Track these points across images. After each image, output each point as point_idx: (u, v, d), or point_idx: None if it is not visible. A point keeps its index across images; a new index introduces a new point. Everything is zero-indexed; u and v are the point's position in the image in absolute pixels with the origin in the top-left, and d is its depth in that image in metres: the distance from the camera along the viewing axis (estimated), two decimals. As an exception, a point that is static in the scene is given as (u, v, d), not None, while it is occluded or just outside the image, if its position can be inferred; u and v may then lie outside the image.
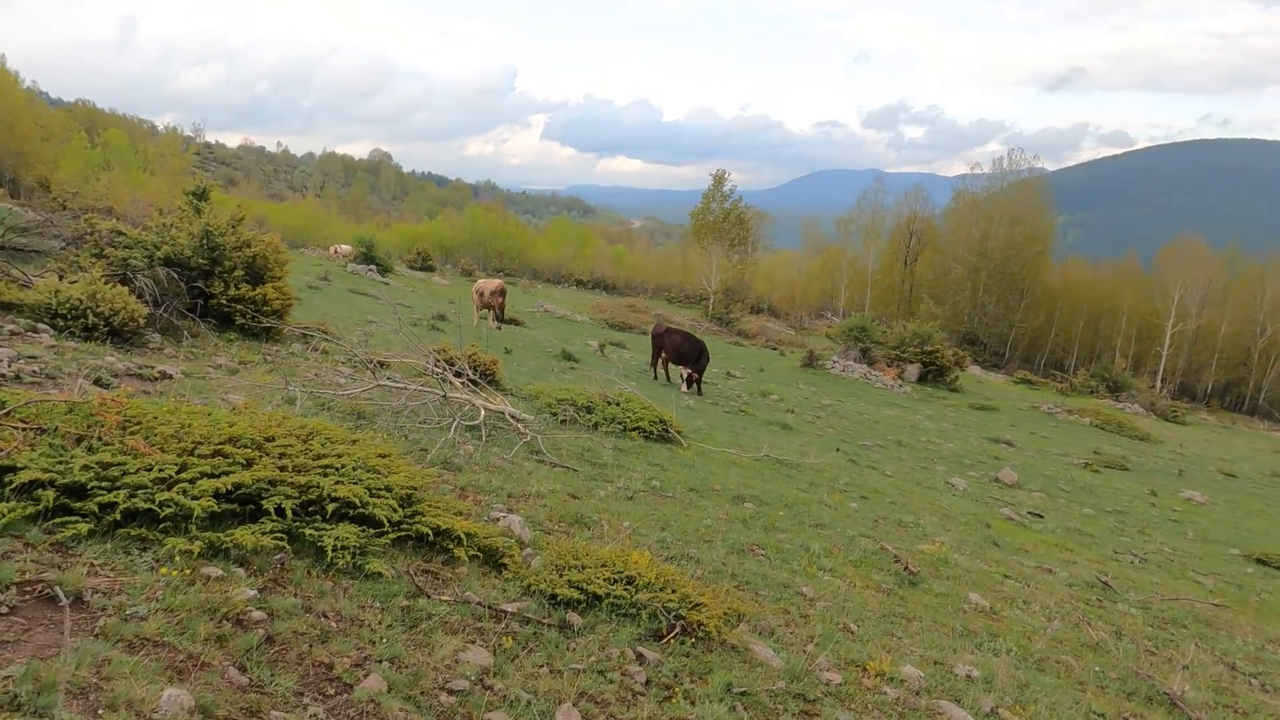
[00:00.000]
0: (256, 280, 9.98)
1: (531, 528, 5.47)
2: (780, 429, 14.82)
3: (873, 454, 14.26)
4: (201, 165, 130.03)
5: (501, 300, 20.85)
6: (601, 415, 9.88)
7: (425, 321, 18.79)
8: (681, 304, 55.09)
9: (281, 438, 4.75)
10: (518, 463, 7.23)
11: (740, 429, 13.34)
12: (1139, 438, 28.37)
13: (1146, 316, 53.79)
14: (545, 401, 10.19)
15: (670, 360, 18.08)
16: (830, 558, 6.60)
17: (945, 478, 13.13)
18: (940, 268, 59.14)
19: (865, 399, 24.72)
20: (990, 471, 15.21)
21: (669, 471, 8.45)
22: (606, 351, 21.47)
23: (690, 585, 4.69)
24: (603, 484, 7.30)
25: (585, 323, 35.51)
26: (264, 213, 58.01)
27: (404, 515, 4.48)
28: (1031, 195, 57.19)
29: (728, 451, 10.43)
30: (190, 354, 8.45)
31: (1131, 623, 6.94)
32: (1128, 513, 13.75)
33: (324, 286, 25.82)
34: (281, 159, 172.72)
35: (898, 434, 17.82)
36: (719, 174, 59.42)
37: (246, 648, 2.97)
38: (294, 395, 7.35)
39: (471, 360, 10.69)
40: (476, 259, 62.56)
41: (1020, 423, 26.29)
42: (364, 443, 5.39)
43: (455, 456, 6.86)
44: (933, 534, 8.45)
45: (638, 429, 9.82)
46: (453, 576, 4.31)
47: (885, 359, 32.75)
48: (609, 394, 10.58)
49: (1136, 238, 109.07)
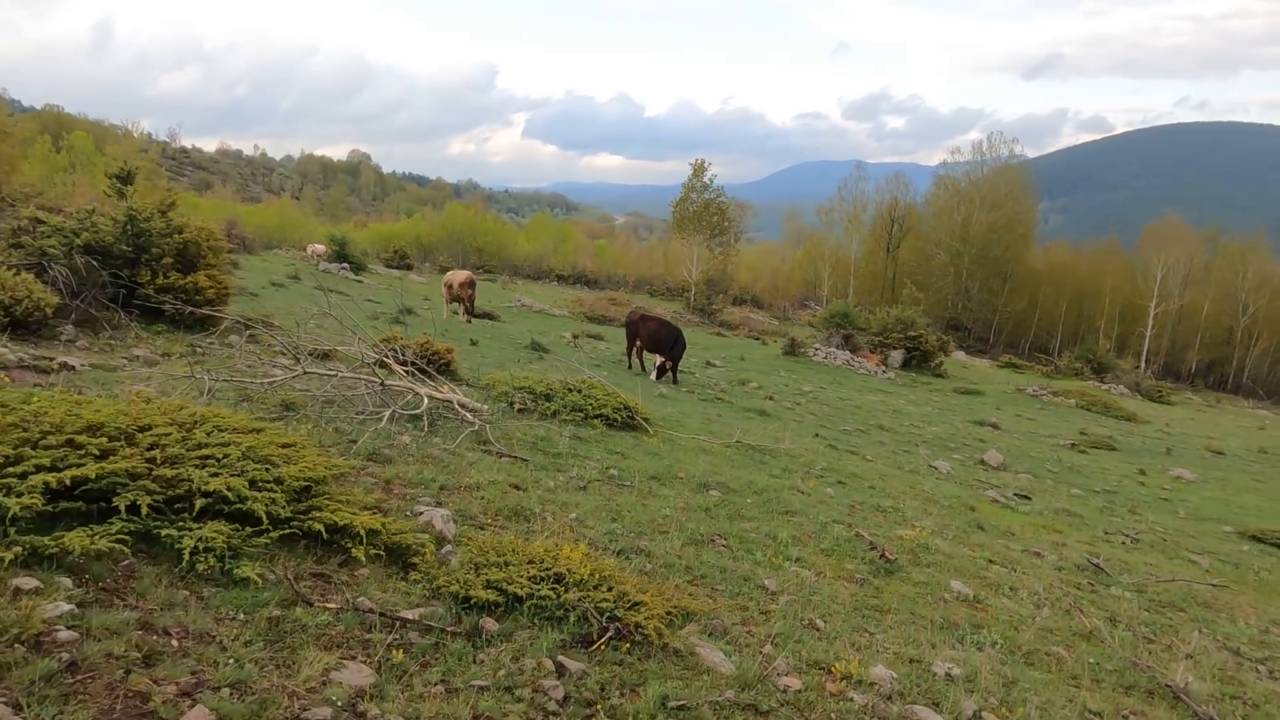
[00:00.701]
0: (189, 268, 9.31)
1: (459, 522, 4.88)
2: (757, 416, 14.28)
3: (853, 439, 13.74)
4: (178, 170, 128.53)
5: (471, 292, 20.19)
6: (561, 403, 9.29)
7: (389, 315, 18.10)
8: (664, 296, 54.48)
9: (161, 426, 4.14)
10: (460, 453, 6.63)
11: (714, 416, 12.78)
12: (1125, 418, 28.04)
13: (1129, 297, 53.64)
14: (501, 390, 9.59)
15: (645, 348, 17.48)
16: (799, 547, 6.04)
17: (928, 461, 12.62)
18: (923, 254, 58.76)
19: (847, 385, 24.23)
20: (975, 454, 14.73)
21: (630, 460, 7.87)
22: (581, 343, 20.87)
23: (631, 582, 4.11)
24: (553, 474, 6.71)
25: (563, 316, 34.86)
26: (236, 214, 56.97)
27: (294, 511, 3.88)
28: (1013, 179, 56.88)
29: (697, 439, 9.87)
30: (107, 346, 7.79)
31: (1126, 607, 6.43)
32: (1117, 492, 13.30)
33: (290, 284, 25.07)
34: (259, 162, 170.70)
35: (880, 419, 17.32)
36: (699, 163, 58.80)
37: (35, 678, 2.37)
38: (211, 386, 6.72)
39: (424, 349, 10.08)
40: (455, 256, 61.64)
41: (1005, 406, 25.89)
42: (268, 433, 4.78)
43: (387, 448, 6.26)
44: (913, 519, 7.91)
45: (600, 416, 9.24)
46: (349, 580, 3.72)
47: (869, 345, 32.31)
48: (572, 382, 9.99)
49: (1118, 221, 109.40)
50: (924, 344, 33.20)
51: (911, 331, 33.11)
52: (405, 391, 7.86)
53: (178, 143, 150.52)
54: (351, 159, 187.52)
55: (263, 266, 35.09)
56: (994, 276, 56.10)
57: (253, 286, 19.97)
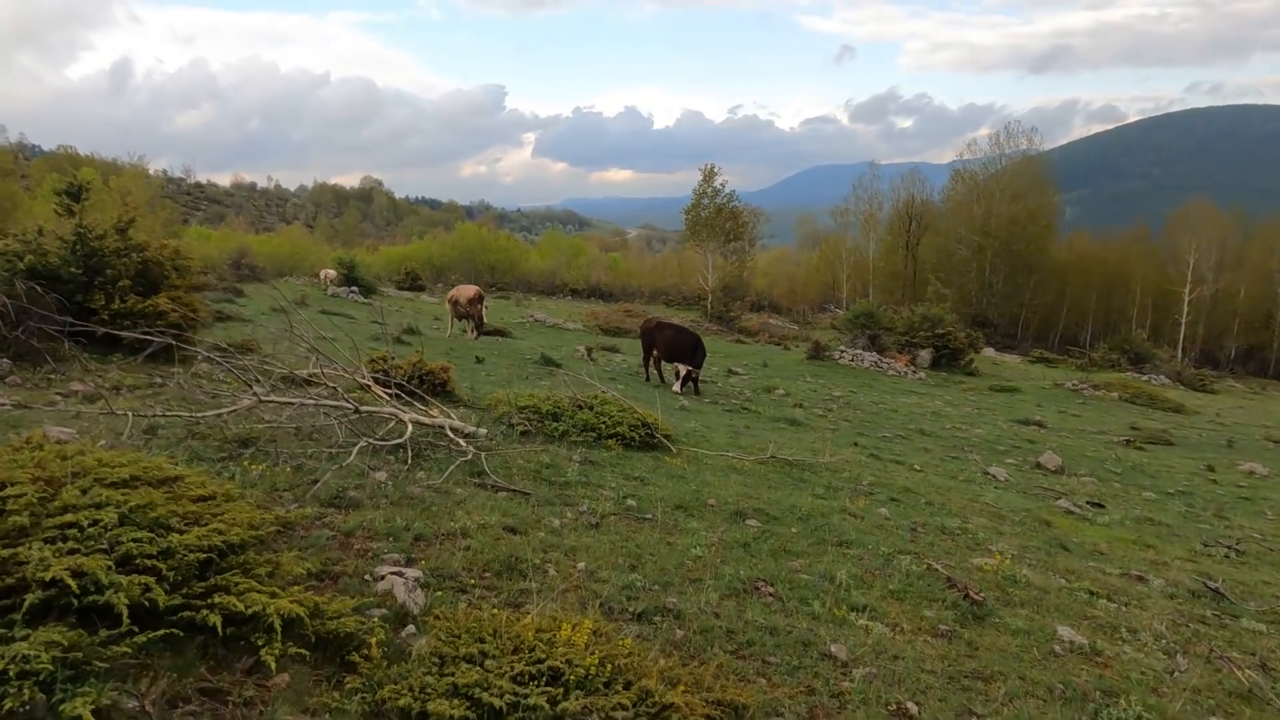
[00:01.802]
0: (151, 290, 8.33)
1: (432, 586, 3.79)
2: (788, 426, 13.11)
3: (895, 446, 12.53)
4: (193, 205, 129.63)
5: (479, 308, 19.19)
6: (570, 423, 8.19)
7: (392, 336, 17.09)
8: (680, 306, 53.42)
9: (20, 485, 3.08)
10: (447, 490, 5.55)
11: (742, 429, 11.63)
12: (1173, 409, 26.53)
13: (1161, 285, 51.83)
14: (503, 411, 8.51)
15: (662, 357, 16.38)
16: (864, 590, 4.88)
17: (982, 467, 11.39)
18: (944, 250, 57.26)
19: (878, 388, 22.97)
20: (1028, 457, 13.47)
21: (651, 486, 6.76)
22: (595, 355, 19.79)
23: (656, 670, 2.99)
24: (559, 509, 5.61)
25: (577, 330, 33.85)
26: (247, 244, 56.76)
27: (187, 596, 2.80)
28: (1032, 170, 55.30)
29: (726, 456, 8.73)
30: (44, 381, 6.80)
31: (1267, 645, 5.21)
32: (1192, 493, 11.98)
33: (293, 310, 24.24)
34: (274, 193, 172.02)
35: (919, 422, 16.08)
36: (709, 168, 57.75)
37: None
38: (152, 422, 5.69)
39: (416, 369, 9.03)
40: (467, 276, 60.96)
41: (1046, 402, 24.49)
42: (186, 482, 3.72)
43: (356, 488, 5.18)
44: (986, 541, 6.72)
45: (615, 436, 8.13)
46: (257, 696, 2.62)
47: (896, 345, 30.98)
48: (583, 398, 8.90)
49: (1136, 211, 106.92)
50: (953, 341, 31.84)
51: (939, 329, 31.78)
52: (388, 418, 6.80)
53: (192, 178, 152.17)
54: (364, 185, 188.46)
55: (270, 294, 34.41)
56: (1018, 270, 54.46)
57: (249, 314, 19.10)
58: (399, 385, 7.69)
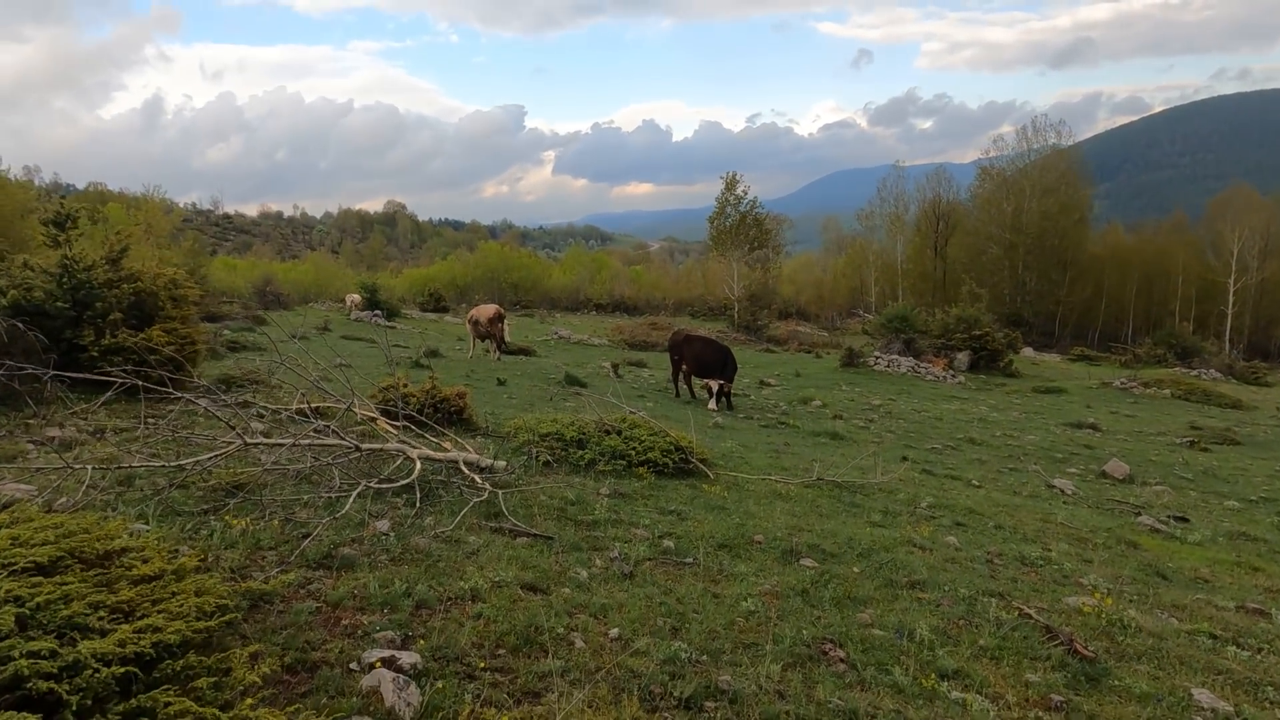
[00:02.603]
0: (145, 322, 7.79)
1: (433, 675, 3.09)
2: (830, 440, 12.30)
3: (947, 459, 11.66)
4: (222, 235, 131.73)
5: (500, 327, 18.61)
6: (597, 450, 7.49)
7: (412, 360, 16.53)
8: (706, 317, 52.64)
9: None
10: (458, 538, 4.86)
11: (782, 446, 10.85)
12: (1230, 405, 25.23)
13: (1203, 275, 50.07)
14: (524, 439, 7.83)
15: (692, 372, 15.65)
16: (951, 649, 4.10)
17: (1044, 479, 10.49)
18: (974, 249, 55.89)
19: (918, 394, 22.02)
20: (1091, 465, 12.53)
21: (689, 521, 6.02)
22: (622, 372, 19.10)
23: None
24: (587, 556, 4.90)
25: (603, 345, 33.22)
26: (272, 271, 57.10)
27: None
28: (1062, 163, 53.81)
29: (768, 479, 7.97)
30: (23, 425, 6.24)
31: None
32: (1277, 500, 10.98)
33: (315, 337, 23.88)
34: (300, 221, 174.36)
35: (966, 430, 15.15)
36: (730, 176, 57.05)
37: None
38: (136, 472, 5.09)
39: (429, 397, 8.40)
40: (491, 294, 60.74)
41: (1096, 403, 23.35)
42: (132, 556, 3.08)
43: (353, 542, 4.51)
44: (1075, 573, 5.89)
45: (646, 463, 7.41)
46: None
47: (931, 349, 29.94)
48: (610, 421, 8.20)
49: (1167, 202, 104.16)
50: (991, 343, 30.75)
51: (976, 330, 30.72)
52: (394, 455, 6.14)
53: (220, 210, 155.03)
54: (387, 210, 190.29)
55: (294, 320, 34.23)
56: (1052, 266, 52.95)
57: (267, 342, 18.65)
58: (409, 416, 7.04)
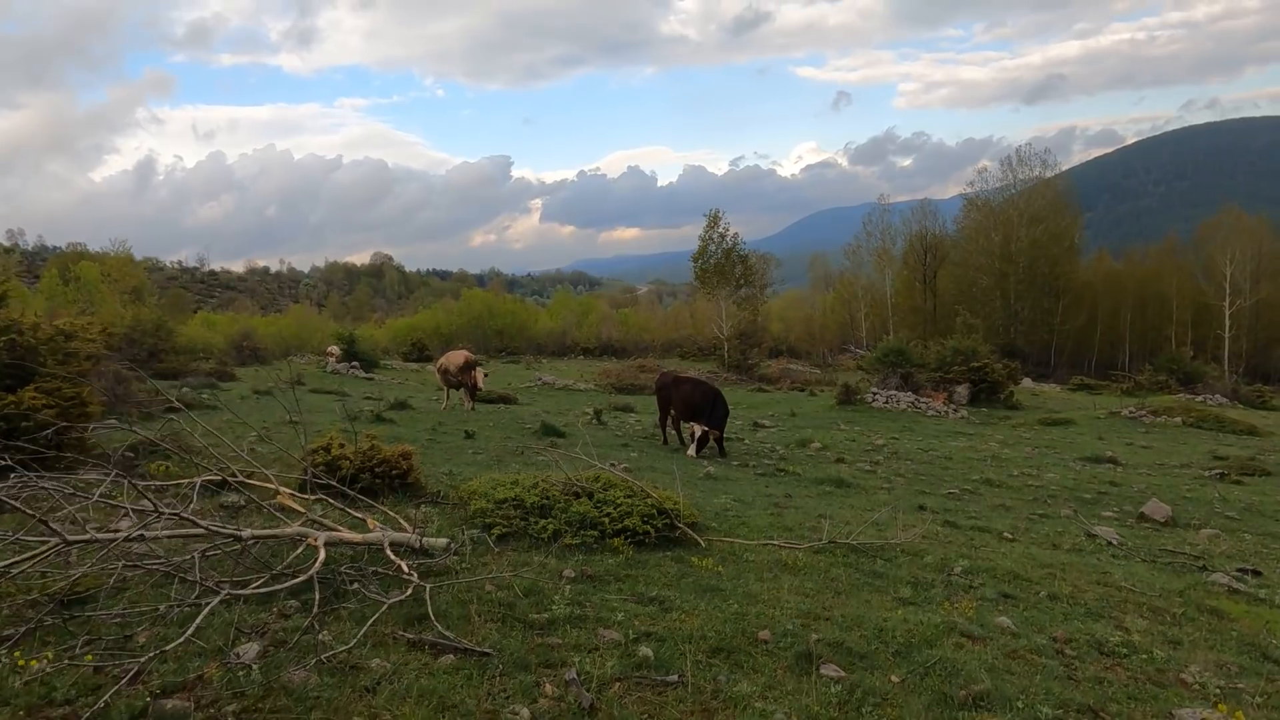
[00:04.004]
0: (23, 381, 6.51)
1: None
2: (835, 489, 11.03)
3: (968, 506, 10.40)
4: (207, 292, 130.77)
5: (473, 375, 17.34)
6: (564, 518, 6.21)
7: (375, 413, 15.16)
8: (695, 357, 51.53)
9: None
10: (359, 661, 3.57)
11: (782, 499, 9.56)
12: (1246, 432, 24.06)
13: (1198, 298, 49.43)
14: (478, 506, 6.54)
15: (681, 416, 14.40)
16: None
17: (1083, 527, 9.22)
18: (964, 281, 55.22)
19: (921, 431, 20.79)
20: (1124, 505, 11.29)
21: (675, 612, 4.74)
22: (606, 418, 17.81)
23: None
24: (534, 680, 3.61)
25: (589, 390, 31.96)
26: (251, 325, 55.97)
27: None
28: (1050, 192, 53.49)
29: (771, 544, 6.69)
30: None
31: None
32: (1341, 540, 9.73)
33: (282, 392, 22.50)
34: (286, 276, 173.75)
35: (981, 470, 13.91)
36: (713, 213, 56.41)
37: None
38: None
39: (367, 458, 7.11)
40: (476, 341, 59.65)
41: (1108, 434, 22.15)
42: None
43: (197, 680, 3.21)
44: (1169, 663, 4.61)
45: (622, 532, 6.13)
46: None
47: (930, 383, 28.81)
48: (582, 480, 6.93)
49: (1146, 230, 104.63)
50: (991, 374, 29.64)
51: (974, 362, 29.62)
52: (296, 540, 4.86)
53: (206, 267, 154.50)
54: (374, 261, 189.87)
55: (268, 374, 32.85)
56: (1045, 295, 52.26)
57: (221, 401, 17.34)
58: (322, 486, 5.76)
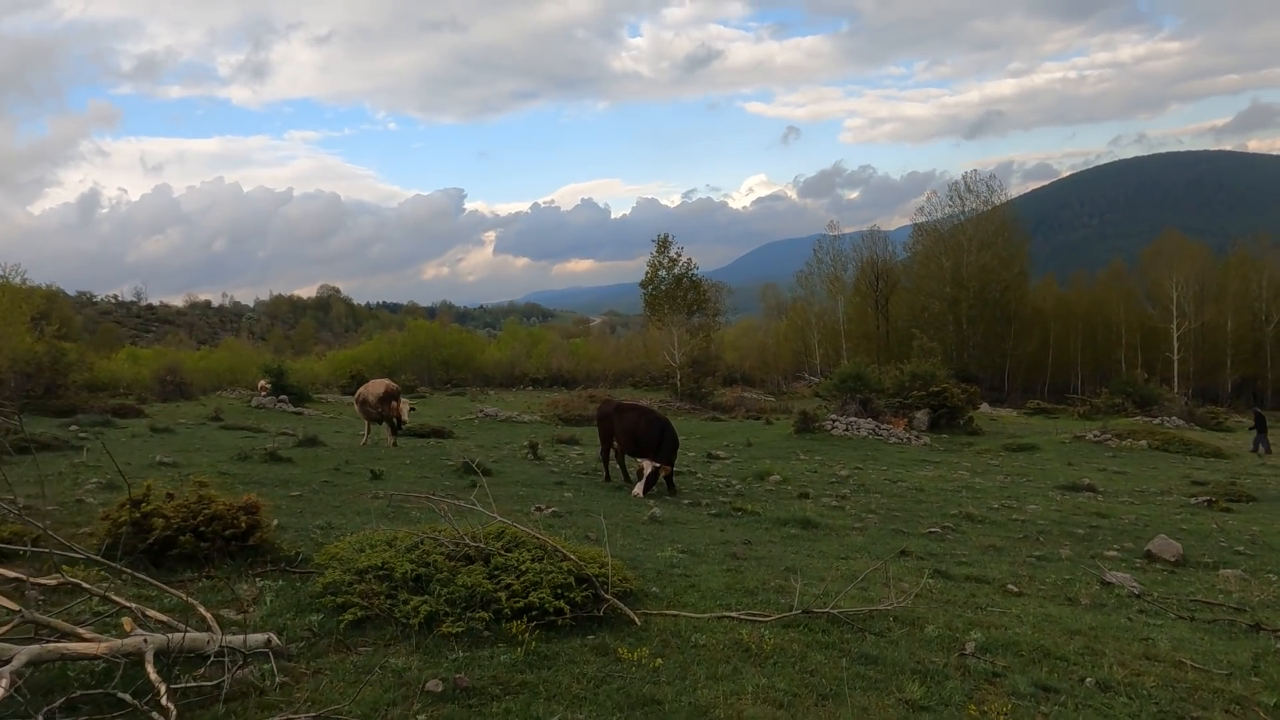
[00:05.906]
0: None
1: None
2: (801, 530, 9.49)
3: (954, 548, 8.95)
4: (144, 327, 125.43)
5: (395, 406, 15.50)
6: (443, 595, 4.53)
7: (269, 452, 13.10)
8: (648, 387, 50.06)
9: None
10: None
11: (741, 547, 7.96)
12: (1212, 454, 23.41)
13: (1145, 322, 49.81)
14: (332, 579, 4.81)
15: (624, 449, 12.78)
16: None
17: (1096, 575, 7.81)
18: (916, 306, 54.98)
19: (885, 460, 19.50)
20: (1122, 541, 10.01)
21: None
22: (543, 452, 16.06)
23: None
24: None
25: (534, 421, 30.17)
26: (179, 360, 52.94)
27: None
28: (998, 216, 53.78)
29: (727, 617, 5.08)
30: None
31: None
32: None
33: (184, 429, 20.24)
34: (229, 309, 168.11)
35: (957, 503, 12.55)
36: (662, 237, 55.34)
37: None
38: None
39: (194, 513, 5.33)
40: (420, 373, 57.34)
41: (1076, 460, 21.18)
42: None
43: None
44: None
45: (525, 611, 4.47)
46: None
47: (889, 409, 27.70)
48: (480, 539, 5.25)
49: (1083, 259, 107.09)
50: (950, 399, 28.72)
51: (933, 387, 28.67)
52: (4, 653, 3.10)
53: (144, 301, 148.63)
54: (321, 294, 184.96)
55: (186, 410, 30.28)
56: (996, 319, 52.21)
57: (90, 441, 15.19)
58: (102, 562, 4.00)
